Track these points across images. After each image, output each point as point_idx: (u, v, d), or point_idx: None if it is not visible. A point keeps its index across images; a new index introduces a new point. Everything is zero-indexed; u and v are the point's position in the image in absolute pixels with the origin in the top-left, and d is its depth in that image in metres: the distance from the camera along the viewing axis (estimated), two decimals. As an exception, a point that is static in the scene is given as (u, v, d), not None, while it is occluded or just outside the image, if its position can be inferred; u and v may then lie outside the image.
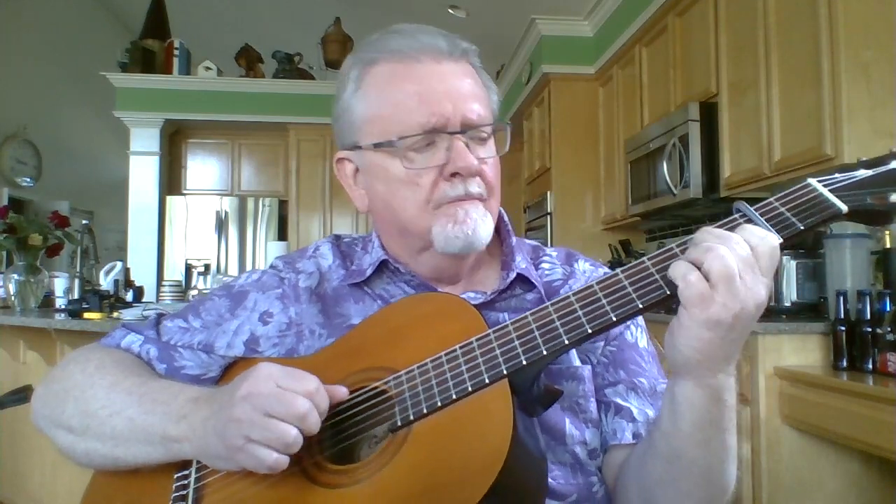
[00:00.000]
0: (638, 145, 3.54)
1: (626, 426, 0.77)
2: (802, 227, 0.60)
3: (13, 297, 3.02)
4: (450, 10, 5.03)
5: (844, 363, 2.01)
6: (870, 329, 1.94)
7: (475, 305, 0.70)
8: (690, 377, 0.61)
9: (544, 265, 0.88)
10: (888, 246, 2.18)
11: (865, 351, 1.95)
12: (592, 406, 0.78)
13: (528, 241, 0.92)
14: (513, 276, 0.81)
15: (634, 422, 0.77)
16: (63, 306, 3.16)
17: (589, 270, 0.88)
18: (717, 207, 3.16)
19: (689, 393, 0.61)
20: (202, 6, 5.71)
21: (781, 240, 0.59)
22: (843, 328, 2.02)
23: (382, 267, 0.83)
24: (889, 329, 1.88)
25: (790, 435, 2.07)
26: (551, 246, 0.95)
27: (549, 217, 4.44)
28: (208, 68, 5.59)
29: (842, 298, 2.04)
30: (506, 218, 0.89)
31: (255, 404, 0.61)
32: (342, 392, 0.65)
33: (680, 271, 0.57)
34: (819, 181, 0.63)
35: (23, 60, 5.40)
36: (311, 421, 0.61)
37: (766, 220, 0.60)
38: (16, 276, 3.02)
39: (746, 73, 2.68)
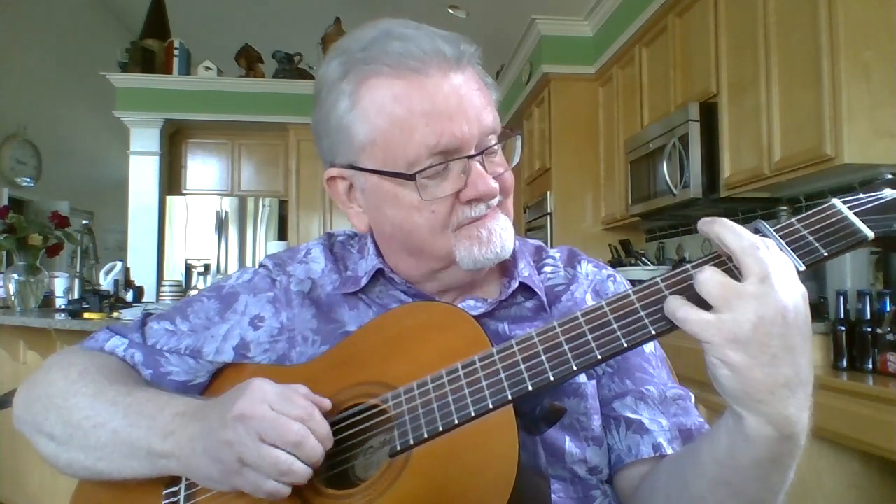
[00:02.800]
0: (638, 145, 3.54)
1: (640, 440, 0.73)
2: (826, 254, 0.55)
3: (13, 297, 3.01)
4: (450, 10, 5.03)
5: (844, 363, 2.01)
6: (870, 329, 1.94)
7: (475, 315, 0.67)
8: (748, 410, 0.54)
9: (546, 269, 0.84)
10: (888, 246, 2.17)
11: (865, 351, 1.95)
12: (595, 423, 0.75)
13: (530, 241, 0.89)
14: (515, 285, 0.78)
15: (649, 433, 0.73)
16: (63, 306, 3.16)
17: (592, 273, 0.84)
18: (716, 207, 3.16)
19: (755, 426, 0.54)
20: (202, 6, 5.70)
21: (804, 267, 0.55)
22: (843, 328, 2.02)
23: (378, 275, 0.79)
24: (889, 329, 1.88)
25: (790, 435, 2.07)
26: (553, 246, 0.91)
27: (549, 217, 4.44)
28: (208, 68, 5.59)
29: (842, 298, 2.04)
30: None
31: (247, 427, 0.58)
32: (325, 403, 0.63)
33: (670, 310, 0.55)
34: (844, 202, 0.58)
35: (23, 60, 5.40)
36: (307, 448, 0.58)
37: (786, 243, 0.56)
38: (16, 276, 3.01)
39: (746, 73, 2.68)
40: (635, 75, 3.81)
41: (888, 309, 1.91)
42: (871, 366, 1.94)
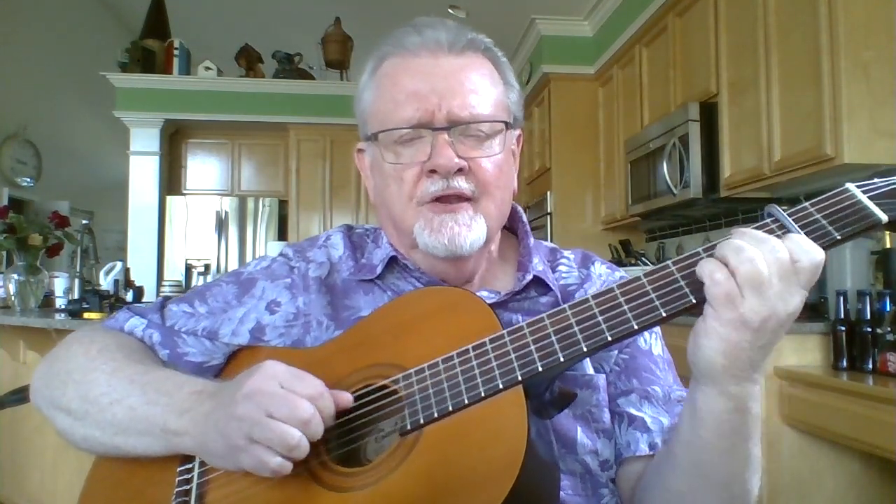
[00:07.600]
0: (638, 145, 3.54)
1: (640, 437, 0.74)
2: (839, 237, 0.56)
3: (13, 297, 3.01)
4: (450, 10, 5.02)
5: (844, 363, 2.01)
6: (870, 329, 1.94)
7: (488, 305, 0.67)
8: (713, 384, 0.57)
9: (561, 268, 0.86)
10: (888, 246, 2.18)
11: (865, 351, 1.95)
12: (606, 416, 0.76)
13: (544, 244, 0.91)
14: (529, 277, 0.79)
15: (649, 432, 0.75)
16: (63, 306, 3.16)
17: (605, 274, 0.86)
18: (716, 207, 3.16)
19: (711, 401, 0.58)
20: (202, 6, 5.70)
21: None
22: (843, 328, 2.02)
23: (392, 263, 0.81)
24: (889, 329, 1.88)
25: (790, 435, 2.07)
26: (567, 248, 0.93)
27: (549, 217, 4.44)
28: (208, 68, 5.59)
29: (842, 298, 2.04)
30: (524, 218, 0.88)
31: (257, 403, 0.60)
32: (347, 398, 0.63)
33: (707, 269, 0.55)
34: (857, 186, 0.58)
35: (23, 60, 5.39)
36: (314, 426, 0.59)
37: (800, 226, 0.57)
38: (16, 276, 3.01)
39: (746, 73, 2.68)
40: (635, 75, 3.81)
41: (888, 309, 1.91)
42: (871, 366, 1.94)
